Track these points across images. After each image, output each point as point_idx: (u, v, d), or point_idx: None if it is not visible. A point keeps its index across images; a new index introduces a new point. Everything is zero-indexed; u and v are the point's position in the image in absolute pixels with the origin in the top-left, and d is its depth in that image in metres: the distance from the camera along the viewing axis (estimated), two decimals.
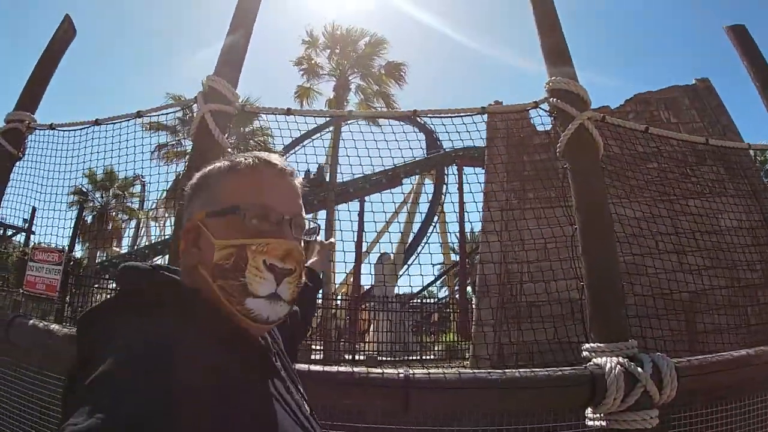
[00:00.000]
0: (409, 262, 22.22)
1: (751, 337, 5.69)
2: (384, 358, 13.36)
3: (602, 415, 2.13)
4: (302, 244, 1.04)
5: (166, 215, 18.88)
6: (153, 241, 21.18)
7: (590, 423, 2.18)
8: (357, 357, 13.63)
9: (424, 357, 15.38)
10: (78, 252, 16.96)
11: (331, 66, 20.76)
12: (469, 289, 18.47)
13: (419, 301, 21.14)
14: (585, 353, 2.27)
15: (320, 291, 1.82)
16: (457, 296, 20.66)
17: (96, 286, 14.57)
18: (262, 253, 0.93)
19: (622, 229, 3.91)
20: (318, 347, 13.27)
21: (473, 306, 12.05)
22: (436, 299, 26.46)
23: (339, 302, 18.06)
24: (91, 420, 0.62)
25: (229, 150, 2.89)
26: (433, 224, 23.87)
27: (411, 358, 14.38)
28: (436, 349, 17.26)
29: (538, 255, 5.01)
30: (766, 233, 6.90)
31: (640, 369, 2.05)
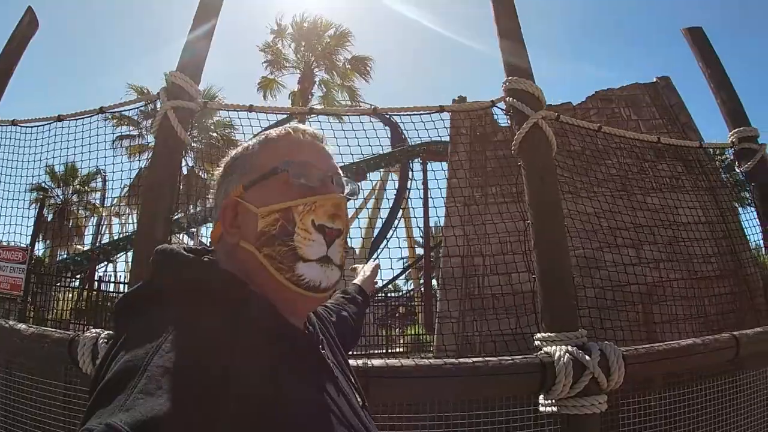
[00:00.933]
0: (374, 257, 22.21)
1: (709, 327, 5.91)
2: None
3: (553, 401, 2.22)
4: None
5: (128, 212, 18.57)
6: (115, 238, 20.68)
7: (542, 409, 2.28)
8: None
9: (389, 350, 15.42)
10: (39, 250, 16.59)
11: (296, 58, 20.53)
12: (433, 282, 18.58)
13: (384, 294, 21.12)
14: (537, 342, 2.37)
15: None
16: (422, 289, 20.75)
17: (58, 284, 14.25)
18: (310, 212, 0.88)
19: (582, 224, 4.05)
20: None
21: (437, 299, 12.16)
22: (401, 293, 26.52)
23: None
24: (102, 427, 0.56)
25: (193, 145, 2.88)
26: (398, 218, 23.81)
27: (376, 351, 14.41)
28: (401, 342, 17.33)
29: (501, 248, 5.12)
30: (722, 227, 7.17)
31: (588, 357, 2.15)
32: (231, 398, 0.65)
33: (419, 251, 26.98)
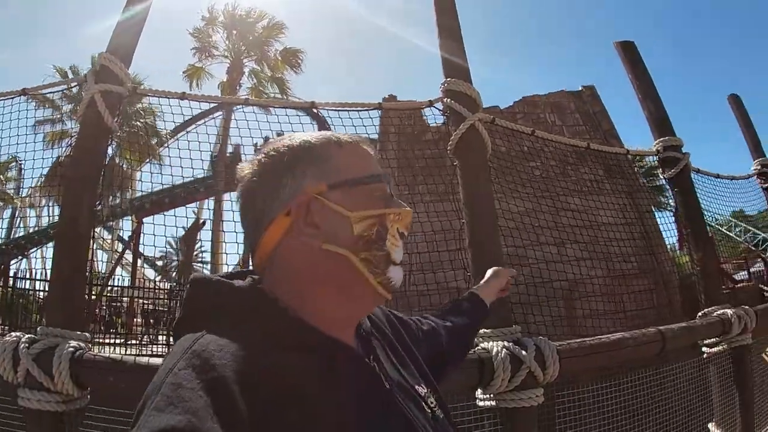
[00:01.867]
0: None
1: (629, 322, 6.23)
2: None
3: (491, 395, 2.28)
4: None
5: (45, 203, 17.46)
6: (30, 231, 19.41)
7: (481, 403, 2.34)
8: None
9: None
10: None
11: (227, 47, 19.90)
12: None
13: None
14: None
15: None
16: None
17: None
18: (397, 221, 0.93)
19: (506, 222, 4.15)
20: None
21: None
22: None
23: None
24: None
25: (118, 133, 2.71)
26: None
27: None
28: None
29: (428, 246, 5.18)
30: (640, 229, 7.57)
31: (524, 352, 2.22)
32: (243, 412, 0.65)
33: None
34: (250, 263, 0.97)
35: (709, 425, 3.44)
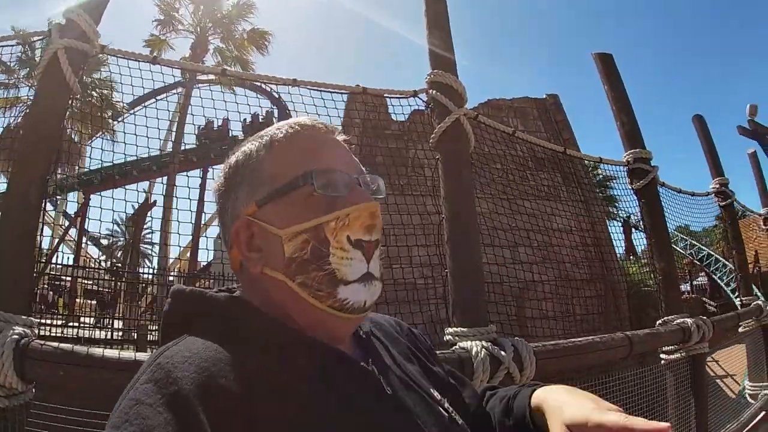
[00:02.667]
0: None
1: (577, 326, 6.43)
2: None
3: None
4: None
5: None
6: None
7: None
8: None
9: None
10: None
11: (192, 21, 19.41)
12: None
13: None
14: (448, 337, 2.38)
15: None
16: None
17: None
18: (344, 228, 0.77)
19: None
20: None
21: None
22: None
23: (173, 278, 17.18)
24: None
25: (78, 98, 2.50)
26: None
27: None
28: None
29: (385, 240, 5.17)
30: (592, 236, 7.80)
31: (503, 352, 2.21)
32: (205, 427, 0.60)
33: None
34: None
35: None
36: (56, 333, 11.46)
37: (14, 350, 1.81)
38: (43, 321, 11.39)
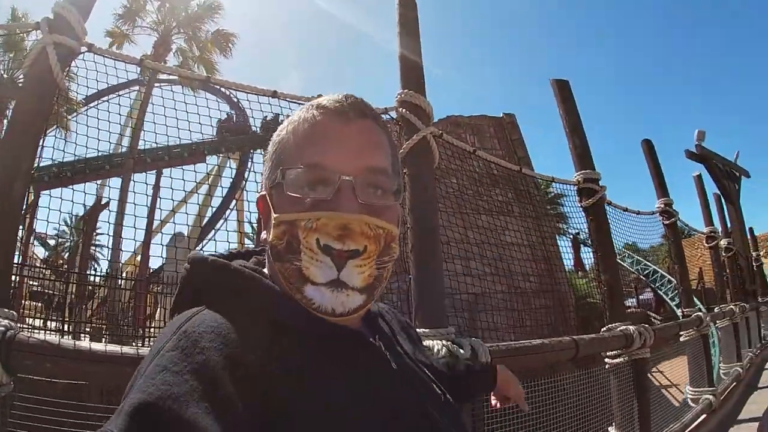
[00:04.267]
0: (203, 245, 20.40)
1: (526, 337, 6.67)
2: None
3: None
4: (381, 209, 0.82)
5: None
6: None
7: None
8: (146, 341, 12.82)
9: None
10: None
11: (156, 19, 19.00)
12: None
13: None
14: None
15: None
16: None
17: None
18: (313, 230, 0.75)
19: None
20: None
21: None
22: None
23: (122, 282, 16.67)
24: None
25: (65, 93, 2.48)
26: (230, 209, 22.13)
27: None
28: None
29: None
30: (543, 251, 8.12)
31: (461, 350, 2.38)
32: (232, 396, 0.62)
33: (249, 245, 25.59)
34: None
35: (610, 428, 3.85)
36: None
37: (1, 342, 1.75)
38: None
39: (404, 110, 3.02)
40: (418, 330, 2.52)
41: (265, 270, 0.87)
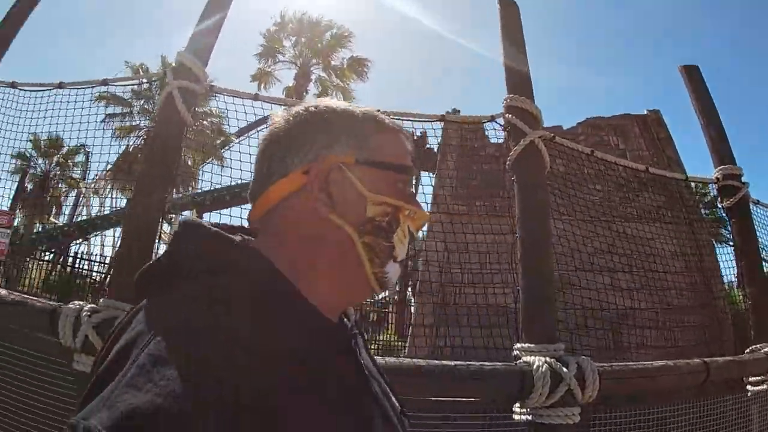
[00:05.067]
0: None
1: (679, 356, 6.04)
2: None
3: (528, 410, 2.28)
4: None
5: (109, 189, 18.28)
6: (93, 215, 20.30)
7: (517, 417, 2.34)
8: None
9: None
10: (15, 219, 16.29)
11: (294, 53, 20.55)
12: (408, 290, 18.60)
13: None
14: (515, 352, 2.42)
15: None
16: (396, 297, 20.75)
17: (30, 257, 14.05)
18: (411, 219, 0.88)
19: (560, 244, 4.13)
20: None
21: (412, 307, 12.22)
22: (373, 299, 26.52)
23: None
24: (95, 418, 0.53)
25: (193, 128, 2.84)
26: None
27: None
28: (372, 347, 17.27)
29: (480, 258, 5.20)
30: (697, 261, 7.36)
31: (565, 369, 2.22)
32: (231, 397, 0.58)
33: None
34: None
35: None
36: None
37: None
38: None
39: (510, 116, 2.92)
40: (521, 345, 2.42)
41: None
